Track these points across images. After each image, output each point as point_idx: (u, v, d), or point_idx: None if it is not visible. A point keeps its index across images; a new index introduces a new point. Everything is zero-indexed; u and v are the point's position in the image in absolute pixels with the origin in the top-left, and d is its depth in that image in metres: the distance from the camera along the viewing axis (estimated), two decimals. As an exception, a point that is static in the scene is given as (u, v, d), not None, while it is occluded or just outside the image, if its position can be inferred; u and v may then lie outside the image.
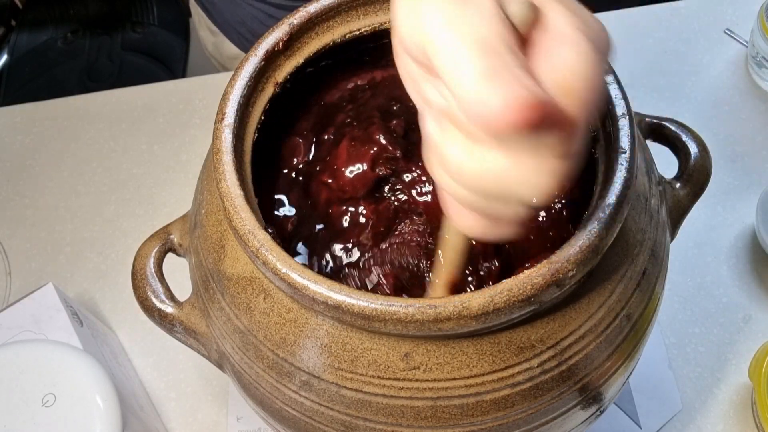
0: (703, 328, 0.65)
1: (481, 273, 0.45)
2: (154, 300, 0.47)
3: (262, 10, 0.77)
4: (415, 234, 0.47)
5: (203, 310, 0.45)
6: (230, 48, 0.84)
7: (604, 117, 0.42)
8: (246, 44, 0.82)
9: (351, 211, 0.48)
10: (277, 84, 0.45)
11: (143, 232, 0.58)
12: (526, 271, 0.35)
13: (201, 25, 0.88)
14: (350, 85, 0.51)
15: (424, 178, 0.49)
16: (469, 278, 0.45)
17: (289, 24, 0.45)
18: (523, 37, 0.27)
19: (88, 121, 0.80)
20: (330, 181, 0.48)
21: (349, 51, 0.48)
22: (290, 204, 0.48)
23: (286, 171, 0.49)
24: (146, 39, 1.23)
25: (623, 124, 0.40)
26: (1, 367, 0.52)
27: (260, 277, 0.41)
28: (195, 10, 0.88)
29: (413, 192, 0.49)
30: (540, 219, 0.46)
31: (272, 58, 0.45)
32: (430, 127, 0.30)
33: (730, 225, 0.70)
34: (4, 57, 1.23)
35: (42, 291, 0.60)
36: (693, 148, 0.49)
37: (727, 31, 0.82)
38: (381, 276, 0.45)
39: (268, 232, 0.38)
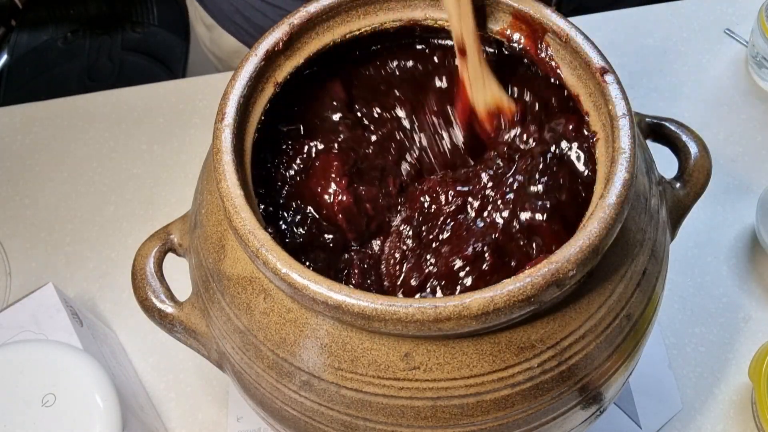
0: (703, 328, 0.65)
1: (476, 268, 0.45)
2: (154, 300, 0.47)
3: None
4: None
5: (203, 310, 0.45)
6: (228, 41, 0.84)
7: (604, 117, 0.42)
8: (243, 35, 0.82)
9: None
10: (277, 84, 0.45)
11: (143, 232, 0.58)
12: (526, 271, 0.35)
13: (197, 20, 0.88)
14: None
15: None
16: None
17: (289, 24, 0.45)
18: None
19: (88, 121, 0.80)
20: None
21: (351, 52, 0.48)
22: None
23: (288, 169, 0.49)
24: (146, 39, 1.22)
25: (623, 124, 0.40)
26: (1, 367, 0.52)
27: (260, 277, 0.41)
28: (192, 5, 0.88)
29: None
30: (539, 218, 0.46)
31: (272, 58, 0.45)
32: None
33: (730, 225, 0.70)
34: (4, 57, 1.23)
35: (42, 291, 0.59)
36: (693, 148, 0.49)
37: (727, 31, 0.82)
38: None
39: (268, 232, 0.38)
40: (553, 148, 0.45)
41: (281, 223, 0.46)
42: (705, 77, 0.79)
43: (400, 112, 0.50)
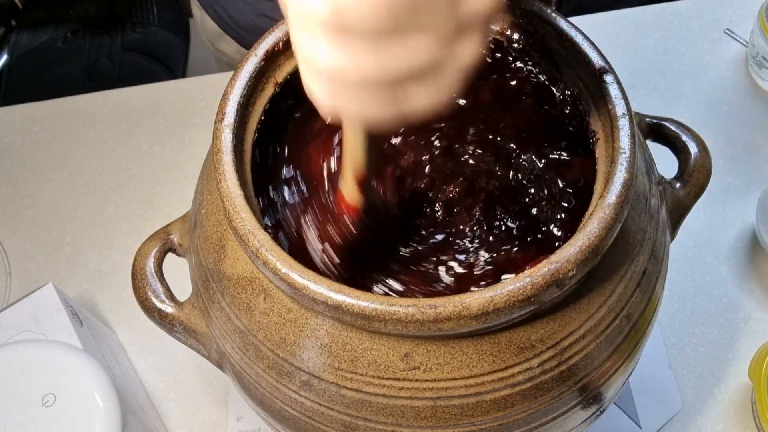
0: (703, 328, 0.65)
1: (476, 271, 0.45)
2: (154, 300, 0.47)
3: None
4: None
5: (203, 310, 0.45)
6: (210, 24, 0.84)
7: (604, 117, 0.42)
8: (222, 23, 0.82)
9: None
10: (277, 84, 0.45)
11: (143, 232, 0.58)
12: (526, 271, 0.35)
13: (193, 0, 0.88)
14: None
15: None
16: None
17: (289, 24, 0.45)
18: None
19: (88, 121, 0.80)
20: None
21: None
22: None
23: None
24: (146, 39, 1.22)
25: (623, 124, 0.40)
26: (1, 367, 0.52)
27: (260, 277, 0.41)
28: None
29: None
30: (540, 218, 0.46)
31: (272, 58, 0.45)
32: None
33: (730, 225, 0.70)
34: (4, 57, 1.23)
35: (42, 291, 0.59)
36: (693, 148, 0.49)
37: (727, 31, 0.82)
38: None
39: (268, 232, 0.38)
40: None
41: (272, 188, 0.46)
42: (705, 77, 0.79)
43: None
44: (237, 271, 0.42)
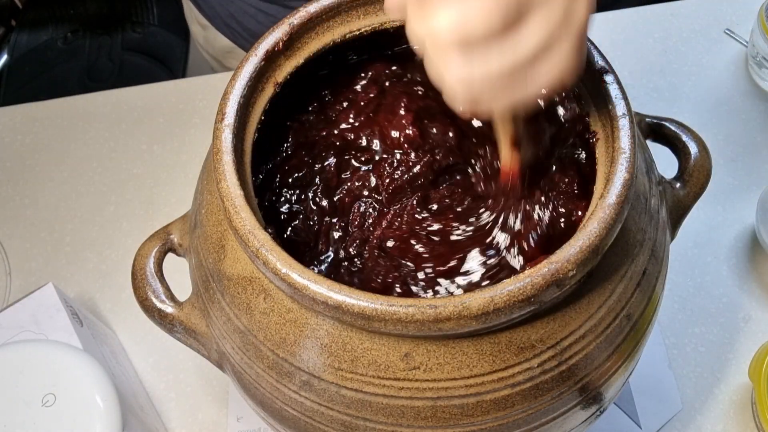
0: (703, 328, 0.65)
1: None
2: (154, 300, 0.47)
3: (252, 5, 0.76)
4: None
5: (203, 310, 0.45)
6: (222, 41, 0.84)
7: (604, 117, 0.42)
8: (237, 37, 0.82)
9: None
10: (277, 84, 0.45)
11: (143, 232, 0.58)
12: (526, 271, 0.35)
13: (192, 19, 0.87)
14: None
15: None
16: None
17: (289, 24, 0.45)
18: None
19: (88, 121, 0.80)
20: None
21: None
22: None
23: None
24: (146, 39, 1.22)
25: (623, 124, 0.40)
26: (1, 367, 0.52)
27: (260, 277, 0.41)
28: (186, 4, 0.88)
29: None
30: (540, 219, 0.45)
31: (272, 58, 0.45)
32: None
33: (730, 225, 0.70)
34: (4, 57, 1.23)
35: (42, 291, 0.59)
36: (693, 148, 0.49)
37: (727, 31, 0.82)
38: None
39: (268, 232, 0.38)
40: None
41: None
42: (705, 77, 0.79)
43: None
44: (237, 271, 0.42)
